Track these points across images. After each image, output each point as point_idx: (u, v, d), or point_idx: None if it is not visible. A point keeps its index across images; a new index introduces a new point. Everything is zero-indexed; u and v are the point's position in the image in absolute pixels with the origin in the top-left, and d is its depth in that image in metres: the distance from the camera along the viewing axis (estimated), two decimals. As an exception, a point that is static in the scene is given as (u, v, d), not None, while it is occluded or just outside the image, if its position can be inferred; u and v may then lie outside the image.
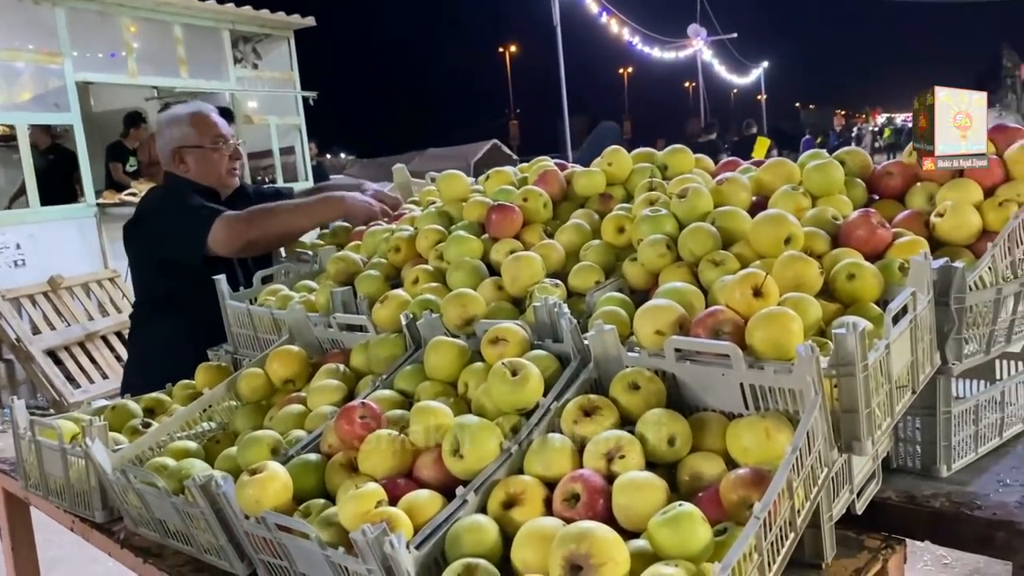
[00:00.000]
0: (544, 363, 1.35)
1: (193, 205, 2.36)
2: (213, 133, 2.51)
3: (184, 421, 1.67)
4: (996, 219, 1.54)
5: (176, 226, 2.34)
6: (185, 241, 2.29)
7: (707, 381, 1.26)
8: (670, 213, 1.64)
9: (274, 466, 1.26)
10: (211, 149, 2.50)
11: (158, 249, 2.40)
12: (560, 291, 1.60)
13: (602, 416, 1.22)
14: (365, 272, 1.85)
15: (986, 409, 1.55)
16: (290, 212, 2.33)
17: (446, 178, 2.04)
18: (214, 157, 2.51)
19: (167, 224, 2.38)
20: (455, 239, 1.77)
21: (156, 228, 2.42)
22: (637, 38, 24.83)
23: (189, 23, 8.93)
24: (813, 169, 1.67)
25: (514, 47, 57.04)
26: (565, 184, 1.96)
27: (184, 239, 2.29)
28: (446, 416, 1.27)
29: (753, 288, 1.30)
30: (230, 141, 2.55)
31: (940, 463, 1.45)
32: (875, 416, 1.19)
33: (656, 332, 1.32)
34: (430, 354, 1.46)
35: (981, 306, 1.45)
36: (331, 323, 1.75)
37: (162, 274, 2.43)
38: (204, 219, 2.27)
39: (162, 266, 2.41)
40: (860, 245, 1.50)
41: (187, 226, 2.30)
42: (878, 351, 1.19)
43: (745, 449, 1.16)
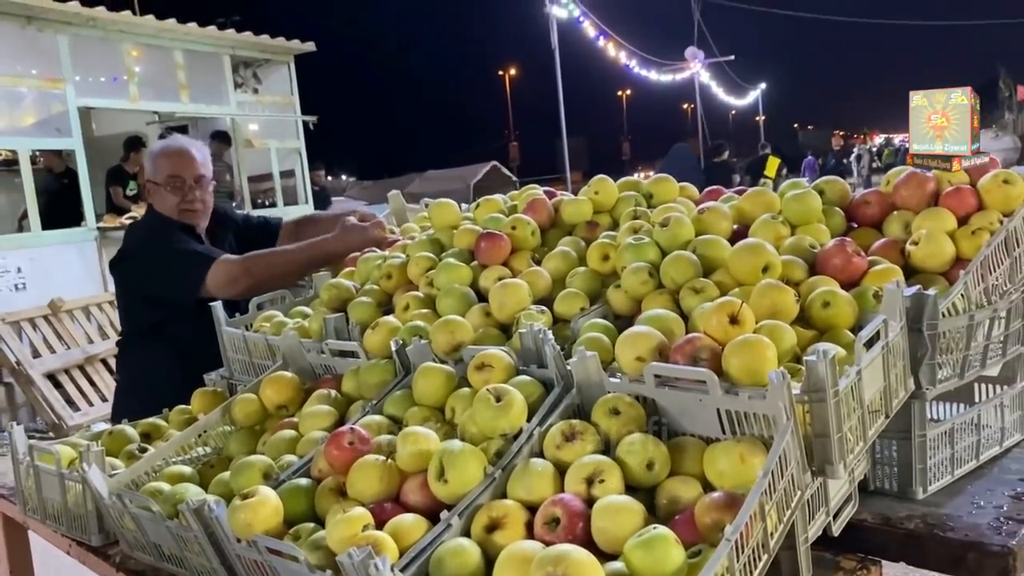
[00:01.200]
0: (528, 389, 1.39)
1: (186, 249, 2.44)
2: (166, 172, 2.55)
3: (179, 446, 1.71)
4: (969, 247, 1.58)
5: (169, 268, 2.41)
6: (179, 283, 2.38)
7: (685, 407, 1.30)
8: (653, 241, 1.68)
9: (265, 491, 1.30)
10: (163, 186, 2.55)
11: (149, 287, 2.48)
12: (546, 317, 1.64)
13: (583, 441, 1.26)
14: (357, 299, 1.89)
15: (962, 432, 1.58)
16: (287, 260, 2.40)
17: (437, 206, 2.08)
18: (165, 194, 2.55)
19: (159, 264, 2.45)
20: (445, 266, 1.82)
21: (147, 266, 2.49)
22: (635, 61, 25.03)
23: (190, 48, 9.05)
24: (792, 199, 1.71)
25: (514, 70, 57.40)
26: (553, 212, 2.00)
27: (178, 281, 2.38)
28: (432, 441, 1.31)
29: (729, 315, 1.34)
30: (187, 181, 2.56)
31: (916, 485, 1.49)
32: (847, 440, 1.23)
33: (636, 358, 1.36)
34: (418, 380, 1.50)
35: (954, 332, 1.50)
36: (323, 349, 1.79)
37: (151, 306, 2.50)
38: (200, 264, 2.35)
39: (151, 300, 2.49)
40: (836, 273, 1.54)
41: (182, 269, 2.38)
42: (849, 377, 1.23)
43: (720, 473, 1.19)
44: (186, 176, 2.56)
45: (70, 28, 7.73)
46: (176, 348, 2.40)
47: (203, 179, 2.60)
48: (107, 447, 1.74)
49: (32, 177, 7.32)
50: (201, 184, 2.59)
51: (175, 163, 2.57)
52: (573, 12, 21.03)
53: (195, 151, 2.62)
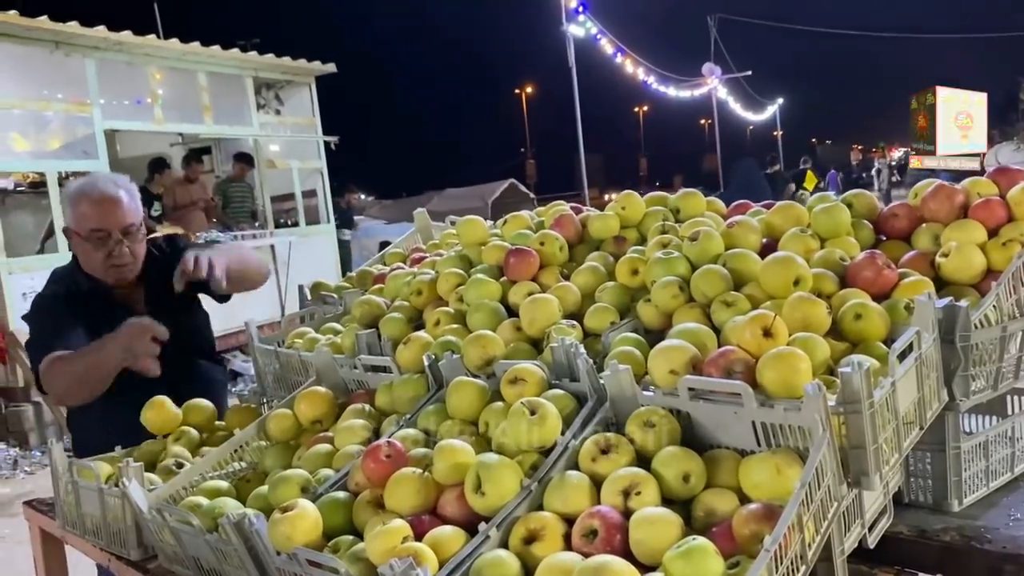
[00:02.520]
0: (562, 402, 1.40)
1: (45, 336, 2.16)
2: (88, 226, 2.19)
3: (216, 461, 1.74)
4: (1000, 258, 1.58)
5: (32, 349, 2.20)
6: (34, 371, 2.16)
7: (720, 419, 1.31)
8: (682, 255, 1.70)
9: (305, 504, 1.32)
10: (85, 239, 2.20)
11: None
12: (576, 332, 1.65)
13: (618, 454, 1.27)
14: (389, 315, 1.92)
15: (997, 444, 1.58)
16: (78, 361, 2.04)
17: (466, 223, 2.11)
18: (87, 248, 2.21)
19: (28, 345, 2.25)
20: (474, 282, 1.84)
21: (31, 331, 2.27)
22: (652, 77, 25.09)
23: (213, 71, 9.17)
24: (821, 212, 1.72)
25: (530, 87, 57.64)
26: (580, 227, 2.02)
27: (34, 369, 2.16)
28: (468, 454, 1.32)
29: (763, 328, 1.35)
30: (113, 235, 2.19)
31: (951, 498, 1.48)
32: (882, 452, 1.23)
33: (670, 372, 1.37)
34: (452, 394, 1.52)
35: (987, 343, 1.50)
36: (356, 364, 1.81)
37: None
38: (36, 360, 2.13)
39: None
40: (867, 286, 1.55)
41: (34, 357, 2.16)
42: (884, 389, 1.23)
43: (757, 485, 1.20)
44: (112, 228, 2.19)
45: (97, 52, 7.87)
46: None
47: (132, 228, 2.23)
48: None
49: (59, 199, 7.44)
50: (131, 234, 2.22)
51: (99, 214, 2.19)
52: (590, 30, 21.13)
53: (122, 194, 2.22)
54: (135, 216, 2.24)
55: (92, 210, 2.19)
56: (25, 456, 6.36)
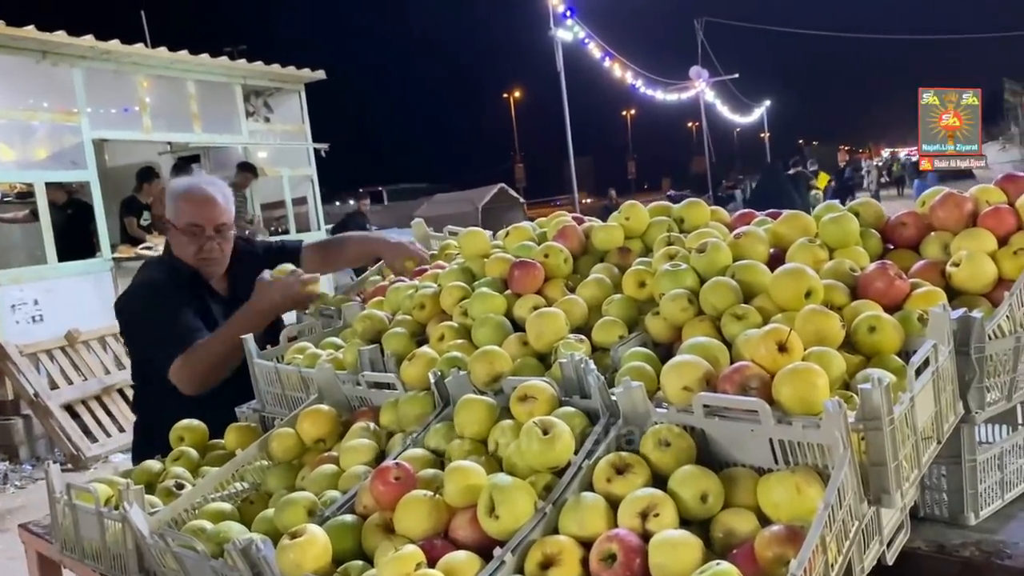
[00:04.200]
0: (573, 420, 1.37)
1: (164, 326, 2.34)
2: (186, 219, 2.45)
3: (218, 482, 1.70)
4: (1012, 267, 1.57)
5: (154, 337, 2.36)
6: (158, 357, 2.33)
7: (736, 437, 1.28)
8: (690, 267, 1.67)
9: (314, 529, 1.28)
10: (182, 232, 2.46)
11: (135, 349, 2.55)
12: (585, 346, 1.63)
13: (634, 474, 1.25)
14: (391, 330, 1.89)
15: (1011, 455, 1.56)
16: (222, 342, 2.27)
17: (467, 235, 2.08)
18: (183, 240, 2.46)
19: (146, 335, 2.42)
20: (479, 296, 1.81)
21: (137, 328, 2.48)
22: (640, 81, 25.15)
23: (202, 79, 9.14)
24: (829, 222, 1.70)
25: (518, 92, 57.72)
26: (584, 238, 2.00)
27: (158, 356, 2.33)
28: (480, 476, 1.29)
29: (778, 343, 1.33)
30: (207, 230, 2.45)
31: (968, 511, 1.46)
32: (903, 468, 1.21)
33: (684, 388, 1.34)
34: (460, 412, 1.49)
35: (1001, 354, 1.48)
36: (360, 381, 1.78)
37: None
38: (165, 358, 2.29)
39: None
40: (879, 297, 1.53)
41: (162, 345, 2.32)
42: (903, 404, 1.21)
43: (776, 505, 1.17)
44: (207, 225, 2.45)
45: (84, 61, 7.82)
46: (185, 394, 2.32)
47: (224, 227, 2.49)
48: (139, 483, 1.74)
49: (48, 209, 7.37)
50: (222, 232, 2.48)
51: (198, 210, 2.45)
52: (578, 34, 21.18)
53: (219, 196, 2.49)
54: (228, 216, 2.50)
55: (192, 207, 2.45)
56: (15, 470, 6.29)
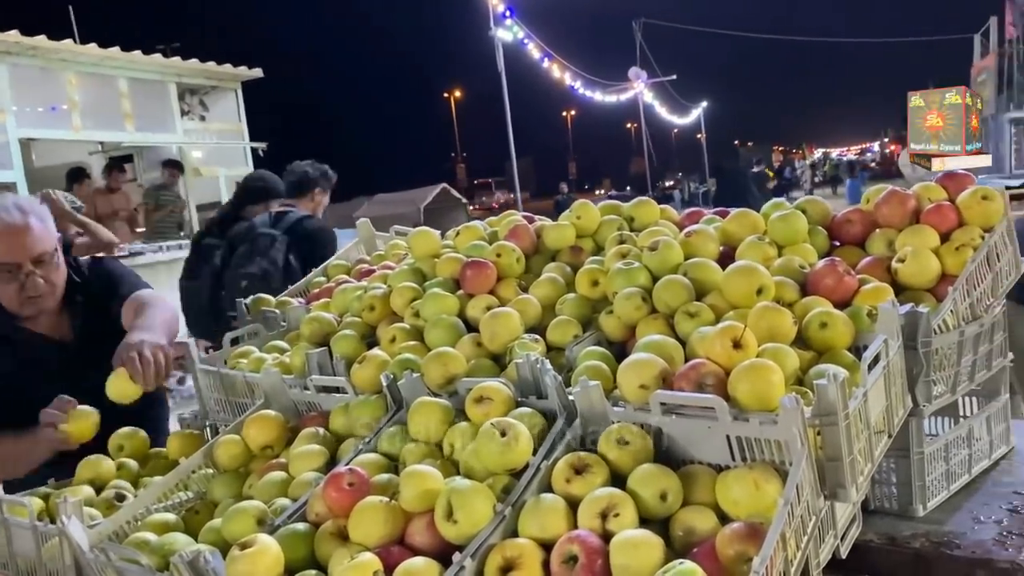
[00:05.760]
0: (530, 421, 1.36)
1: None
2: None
3: (161, 492, 1.63)
4: (954, 263, 1.60)
5: None
6: None
7: (693, 434, 1.28)
8: (643, 266, 1.67)
9: (264, 539, 1.24)
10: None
11: None
12: (540, 346, 1.61)
13: (593, 474, 1.23)
14: (340, 332, 1.85)
15: (955, 447, 1.60)
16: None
17: (417, 235, 2.05)
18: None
19: None
20: (431, 297, 1.78)
21: None
22: (579, 82, 25.31)
23: (134, 77, 8.88)
24: (778, 219, 1.72)
25: (459, 91, 57.63)
26: (535, 238, 1.98)
27: None
28: (436, 480, 1.27)
29: (733, 340, 1.33)
30: (24, 267, 2.04)
31: (916, 503, 1.49)
32: (857, 463, 1.23)
33: (640, 386, 1.34)
34: (414, 415, 1.46)
35: (946, 348, 1.51)
36: (308, 385, 1.74)
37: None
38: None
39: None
40: (828, 293, 1.55)
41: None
42: (857, 399, 1.23)
43: (735, 502, 1.17)
44: (23, 260, 2.03)
45: (9, 57, 7.53)
46: None
47: (45, 256, 2.07)
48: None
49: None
50: (43, 263, 2.07)
51: (7, 247, 2.01)
52: (517, 34, 21.21)
53: (32, 221, 2.04)
54: (48, 243, 2.08)
55: (1, 243, 2.01)
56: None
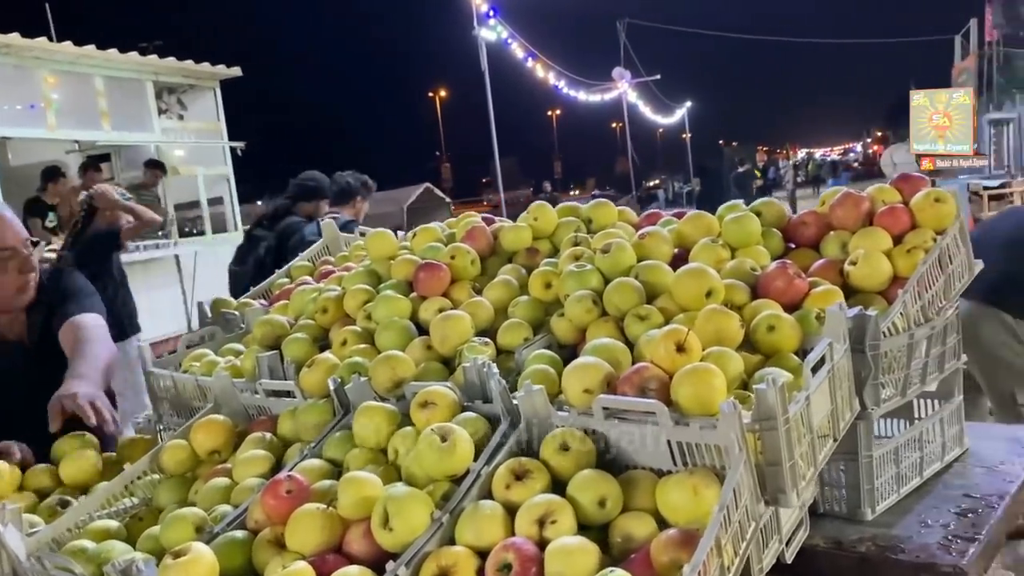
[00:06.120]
0: (474, 426, 1.34)
1: None
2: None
3: (105, 498, 1.61)
4: (906, 265, 1.60)
5: None
6: None
7: (636, 439, 1.27)
8: (595, 268, 1.66)
9: (198, 547, 1.22)
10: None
11: None
12: (490, 350, 1.60)
13: (533, 480, 1.22)
14: (292, 335, 1.82)
15: (906, 450, 1.60)
16: None
17: (374, 236, 2.02)
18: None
19: None
20: (383, 299, 1.76)
21: None
22: (563, 81, 25.31)
23: (110, 75, 8.80)
24: (731, 222, 1.71)
25: (444, 91, 57.51)
26: (492, 239, 1.97)
27: None
28: (375, 487, 1.25)
29: (676, 344, 1.32)
30: (21, 251, 2.04)
31: (864, 506, 1.49)
32: (799, 467, 1.22)
33: (584, 391, 1.32)
34: (358, 420, 1.44)
35: (895, 351, 1.51)
36: (257, 389, 1.71)
37: None
38: None
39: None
40: (778, 296, 1.54)
41: None
42: (798, 403, 1.22)
43: (674, 508, 1.16)
44: (15, 245, 2.04)
45: (-18, 55, 7.44)
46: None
47: (4, 253, 2.03)
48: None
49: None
50: (11, 259, 2.04)
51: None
52: (501, 34, 21.17)
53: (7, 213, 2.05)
54: (13, 239, 2.04)
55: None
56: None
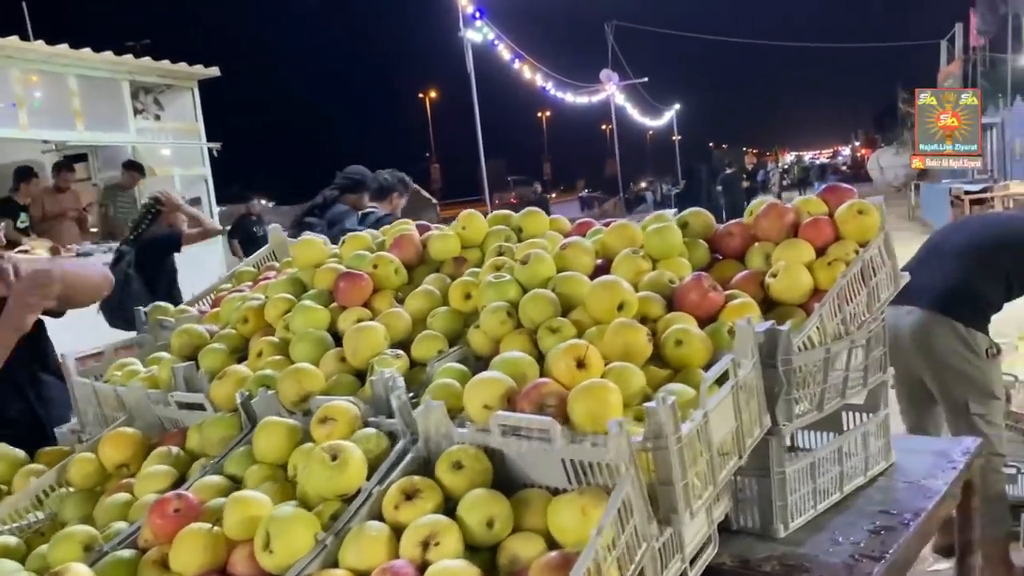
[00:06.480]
0: (372, 442, 1.31)
1: None
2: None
3: (8, 512, 1.57)
4: (826, 278, 1.58)
5: None
6: None
7: (532, 457, 1.24)
8: (514, 279, 1.63)
9: (78, 568, 1.18)
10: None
11: None
12: (401, 362, 1.57)
13: (423, 499, 1.19)
14: (210, 345, 1.79)
15: (825, 464, 1.57)
16: None
17: (301, 243, 1.98)
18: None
19: None
20: (300, 309, 1.73)
21: None
22: (551, 83, 25.30)
23: (84, 74, 8.72)
24: (652, 233, 1.69)
25: (434, 92, 57.42)
26: (421, 248, 1.94)
27: None
28: (263, 506, 1.22)
29: (576, 359, 1.30)
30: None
31: (777, 523, 1.47)
32: (694, 487, 1.19)
33: (484, 407, 1.30)
34: (259, 435, 1.41)
35: (811, 365, 1.48)
36: (169, 401, 1.68)
37: None
38: None
39: None
40: (693, 309, 1.51)
41: None
42: (694, 421, 1.19)
43: (563, 529, 1.14)
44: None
45: (-48, 54, 7.36)
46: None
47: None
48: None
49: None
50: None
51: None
52: (487, 35, 21.14)
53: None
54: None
55: None
56: None
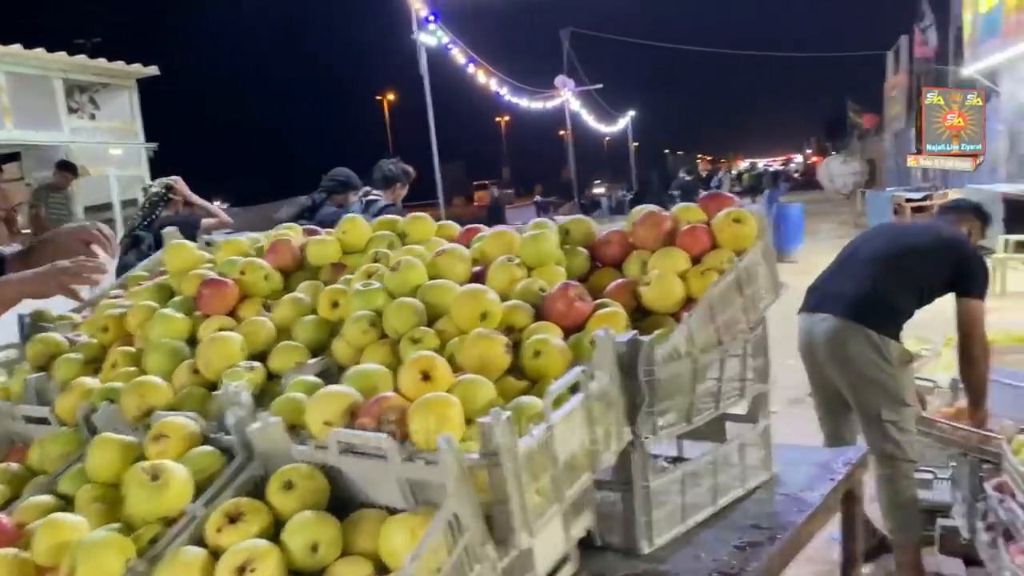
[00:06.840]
0: (206, 461, 1.24)
1: None
2: None
3: None
4: (699, 286, 1.54)
5: None
6: None
7: (371, 475, 1.19)
8: (383, 287, 1.57)
9: None
10: None
11: None
12: (255, 374, 1.49)
13: (247, 523, 1.13)
14: (65, 355, 1.70)
15: (696, 477, 1.54)
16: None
17: (171, 248, 1.89)
18: None
19: None
20: (159, 318, 1.64)
21: None
22: (505, 88, 25.28)
23: (14, 71, 8.47)
24: (527, 240, 1.64)
25: (392, 95, 57.11)
26: (299, 254, 1.86)
27: None
28: (74, 531, 1.14)
29: (422, 372, 1.24)
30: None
31: (640, 540, 1.42)
32: (534, 505, 1.14)
33: (325, 423, 1.23)
34: (92, 452, 1.33)
35: (677, 376, 1.44)
36: (15, 415, 1.58)
37: None
38: None
39: None
40: (560, 319, 1.47)
41: None
42: (535, 437, 1.14)
43: (392, 552, 1.09)
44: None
45: None
46: None
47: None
48: None
49: None
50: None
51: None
52: (442, 39, 21.05)
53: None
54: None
55: None
56: None
